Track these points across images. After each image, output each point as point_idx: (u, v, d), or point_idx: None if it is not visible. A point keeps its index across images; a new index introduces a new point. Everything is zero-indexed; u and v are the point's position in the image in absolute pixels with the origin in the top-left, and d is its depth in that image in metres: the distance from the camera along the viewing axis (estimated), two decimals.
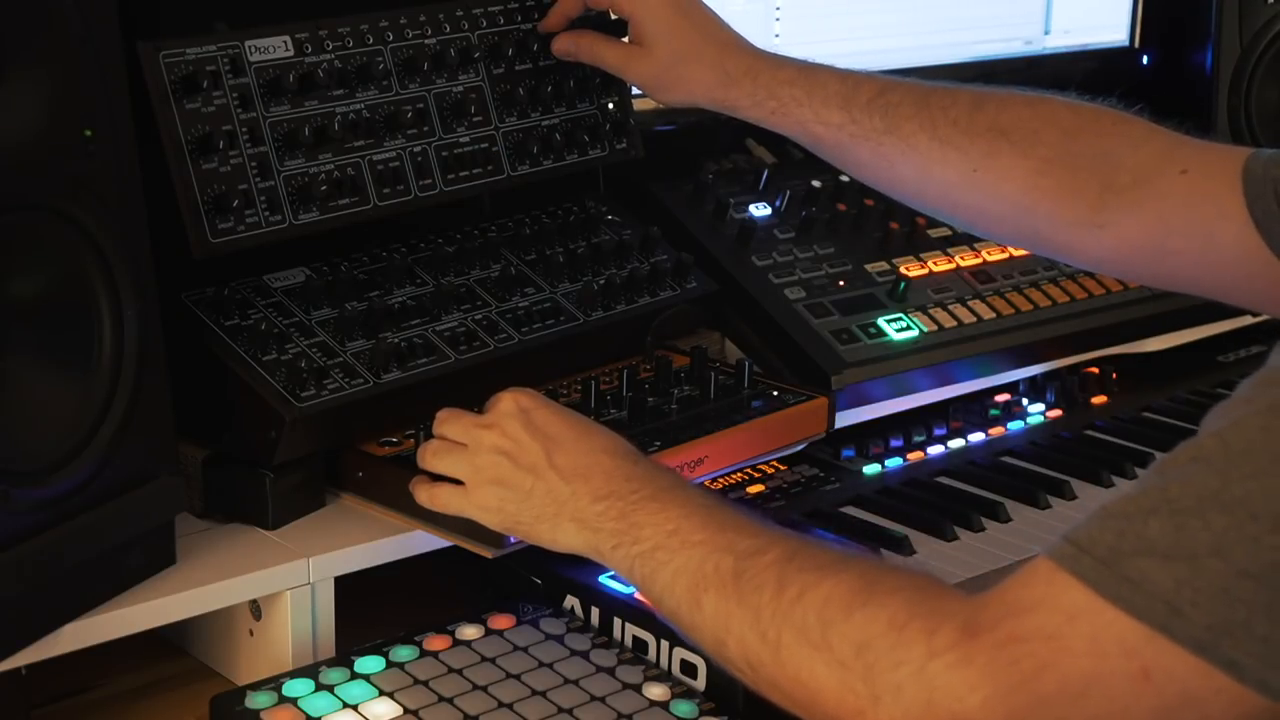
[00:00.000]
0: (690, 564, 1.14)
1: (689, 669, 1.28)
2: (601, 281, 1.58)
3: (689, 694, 1.26)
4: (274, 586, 1.31)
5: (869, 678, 1.01)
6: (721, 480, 1.60)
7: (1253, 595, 0.92)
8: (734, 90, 1.52)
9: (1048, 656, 0.96)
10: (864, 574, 1.06)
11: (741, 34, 1.56)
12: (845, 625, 1.03)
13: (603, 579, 1.36)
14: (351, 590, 1.35)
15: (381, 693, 1.24)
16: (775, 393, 1.56)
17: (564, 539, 1.24)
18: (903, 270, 1.79)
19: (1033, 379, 1.87)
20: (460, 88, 1.53)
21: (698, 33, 1.54)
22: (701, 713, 1.24)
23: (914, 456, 1.72)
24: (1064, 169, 1.42)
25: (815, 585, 1.06)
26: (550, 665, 1.29)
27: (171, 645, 1.41)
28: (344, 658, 1.28)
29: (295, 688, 1.24)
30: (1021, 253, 1.88)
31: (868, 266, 1.79)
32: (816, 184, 1.85)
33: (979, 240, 1.88)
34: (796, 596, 1.06)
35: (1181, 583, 0.93)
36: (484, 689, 1.25)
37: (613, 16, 1.59)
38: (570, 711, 1.23)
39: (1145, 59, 2.19)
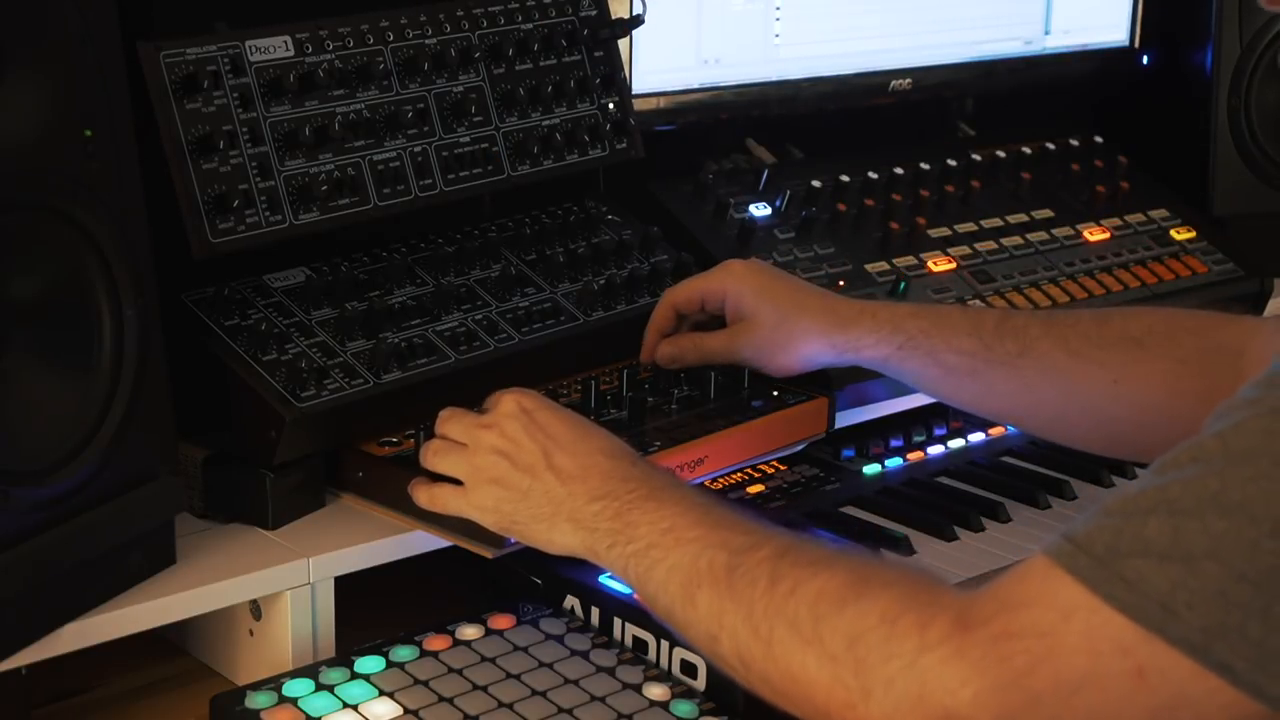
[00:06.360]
0: (684, 560, 1.14)
1: (689, 669, 1.28)
2: (601, 281, 1.58)
3: (689, 694, 1.26)
4: (274, 586, 1.31)
5: (860, 671, 1.01)
6: (721, 480, 1.60)
7: (1249, 599, 0.92)
8: (853, 329, 1.48)
9: (1041, 653, 0.95)
10: (857, 569, 1.06)
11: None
12: (837, 619, 1.03)
13: (603, 579, 1.36)
14: (351, 590, 1.35)
15: (381, 693, 1.24)
16: (775, 393, 1.56)
17: (560, 539, 1.24)
18: (903, 270, 1.79)
19: None
20: (460, 88, 1.53)
21: (796, 290, 1.52)
22: (701, 713, 1.24)
23: (914, 456, 1.72)
24: (1201, 369, 1.39)
25: (808, 580, 1.06)
26: (550, 665, 1.29)
27: (171, 645, 1.40)
28: (344, 658, 1.28)
29: (295, 688, 1.24)
30: (1022, 253, 1.88)
31: (868, 266, 1.79)
32: (816, 184, 1.85)
33: (979, 240, 1.88)
34: (789, 591, 1.06)
35: (1177, 584, 0.93)
36: (484, 689, 1.25)
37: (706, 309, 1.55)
38: (570, 711, 1.23)
39: (1145, 59, 2.19)
